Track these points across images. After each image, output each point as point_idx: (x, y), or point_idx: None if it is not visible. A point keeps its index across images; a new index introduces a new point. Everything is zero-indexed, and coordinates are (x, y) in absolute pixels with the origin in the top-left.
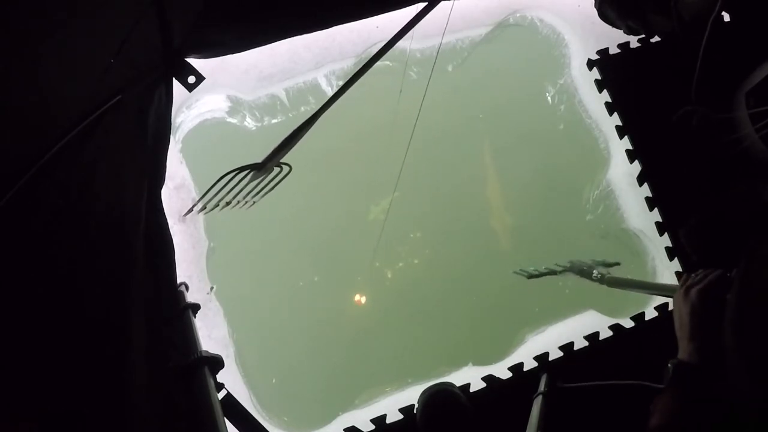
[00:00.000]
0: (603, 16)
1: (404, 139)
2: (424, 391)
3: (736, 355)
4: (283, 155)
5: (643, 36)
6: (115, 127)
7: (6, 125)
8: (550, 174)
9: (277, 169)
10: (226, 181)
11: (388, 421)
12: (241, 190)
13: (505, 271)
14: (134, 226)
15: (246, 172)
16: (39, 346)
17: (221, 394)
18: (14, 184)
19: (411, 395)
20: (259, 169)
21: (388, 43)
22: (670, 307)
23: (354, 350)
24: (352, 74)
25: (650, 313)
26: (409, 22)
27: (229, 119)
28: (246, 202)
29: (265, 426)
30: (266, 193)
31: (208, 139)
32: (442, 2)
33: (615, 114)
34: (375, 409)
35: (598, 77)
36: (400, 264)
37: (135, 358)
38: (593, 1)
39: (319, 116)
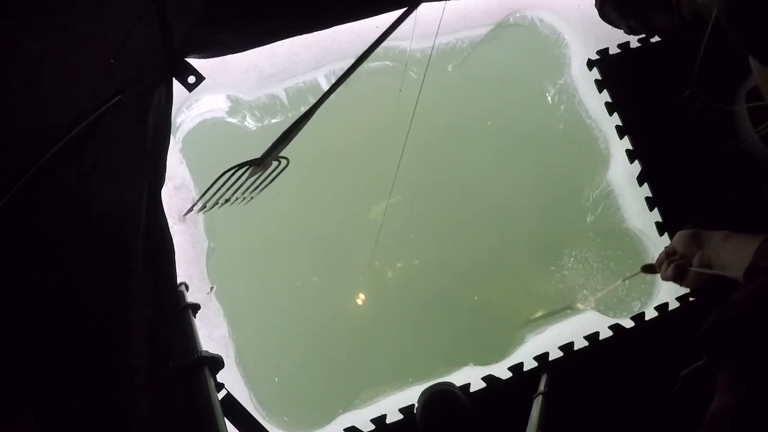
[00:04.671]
0: (603, 15)
1: (405, 138)
2: (424, 391)
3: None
4: (282, 149)
5: (644, 36)
6: (115, 127)
7: (6, 125)
8: (550, 174)
9: (275, 163)
10: (225, 179)
11: (388, 421)
12: (240, 186)
13: (505, 271)
14: (134, 226)
15: (245, 168)
16: (38, 346)
17: (221, 394)
18: (14, 184)
19: (411, 395)
20: (258, 164)
21: (380, 37)
22: (671, 307)
23: (354, 350)
24: (348, 68)
25: (650, 313)
26: (395, 21)
27: (229, 119)
28: (245, 198)
29: (265, 426)
30: (265, 188)
31: (208, 139)
32: (440, 3)
33: (615, 114)
34: (375, 409)
35: (598, 77)
36: (399, 264)
37: (135, 358)
38: (593, 1)
39: (315, 110)
